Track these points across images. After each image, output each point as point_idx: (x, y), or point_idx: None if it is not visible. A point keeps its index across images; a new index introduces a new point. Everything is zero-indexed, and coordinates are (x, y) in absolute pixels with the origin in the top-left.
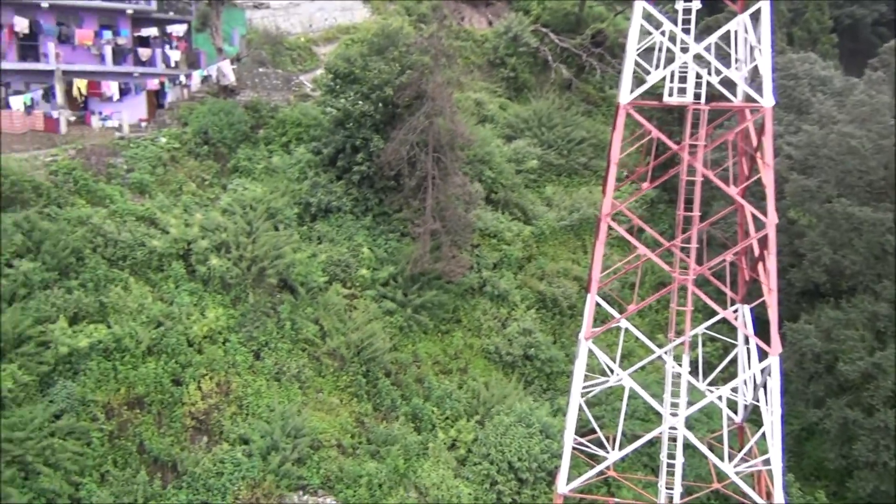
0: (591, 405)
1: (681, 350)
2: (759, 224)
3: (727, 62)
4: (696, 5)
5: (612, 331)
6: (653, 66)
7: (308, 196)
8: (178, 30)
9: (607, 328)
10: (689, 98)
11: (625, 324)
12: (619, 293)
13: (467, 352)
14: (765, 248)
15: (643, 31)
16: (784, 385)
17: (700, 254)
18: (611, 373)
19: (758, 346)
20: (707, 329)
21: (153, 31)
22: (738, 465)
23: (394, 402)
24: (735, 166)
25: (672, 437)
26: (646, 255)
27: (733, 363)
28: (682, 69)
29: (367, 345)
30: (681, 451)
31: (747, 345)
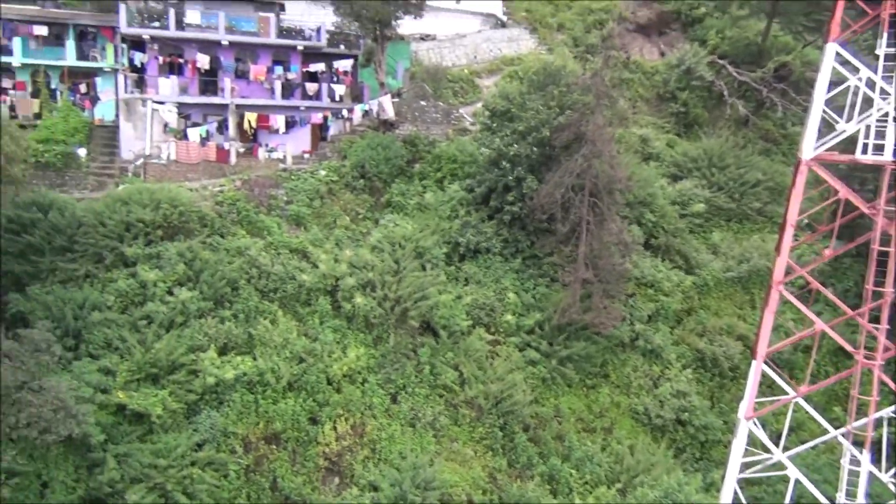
0: (751, 484)
1: (862, 436)
2: None
3: None
4: None
5: (779, 393)
6: (844, 117)
7: (458, 235)
8: (344, 65)
9: (773, 408)
10: (889, 157)
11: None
12: (791, 355)
13: (613, 410)
14: None
15: (835, 74)
16: None
17: (892, 329)
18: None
19: None
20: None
21: (321, 66)
22: None
23: (530, 459)
24: None
25: None
26: (823, 329)
27: None
28: (880, 123)
29: (506, 396)
30: None
31: None
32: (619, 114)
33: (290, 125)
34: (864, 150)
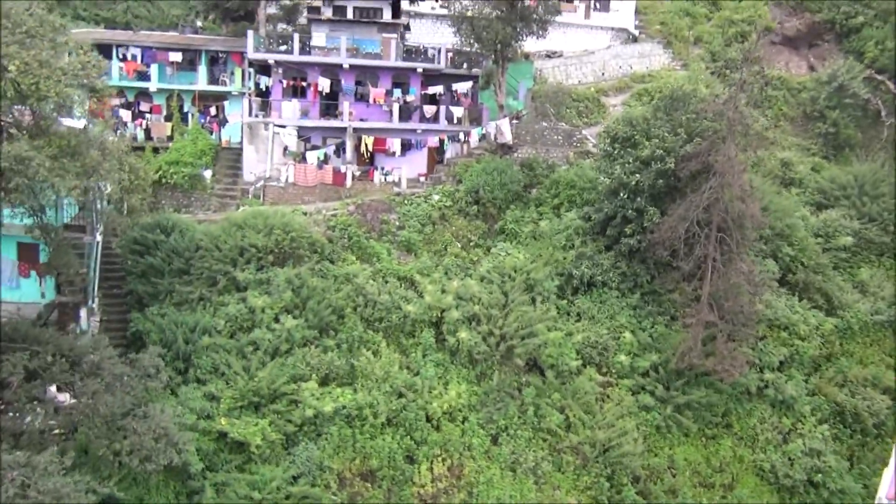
0: None
1: None
2: None
3: None
4: None
5: None
6: None
7: (572, 267)
8: (463, 87)
9: None
10: None
11: None
12: None
13: (735, 465)
14: None
15: None
16: None
17: None
18: None
19: None
20: None
21: (439, 88)
22: None
23: None
24: None
25: None
26: None
27: None
28: None
29: (615, 443)
30: None
31: None
32: (757, 136)
33: (406, 148)
34: None
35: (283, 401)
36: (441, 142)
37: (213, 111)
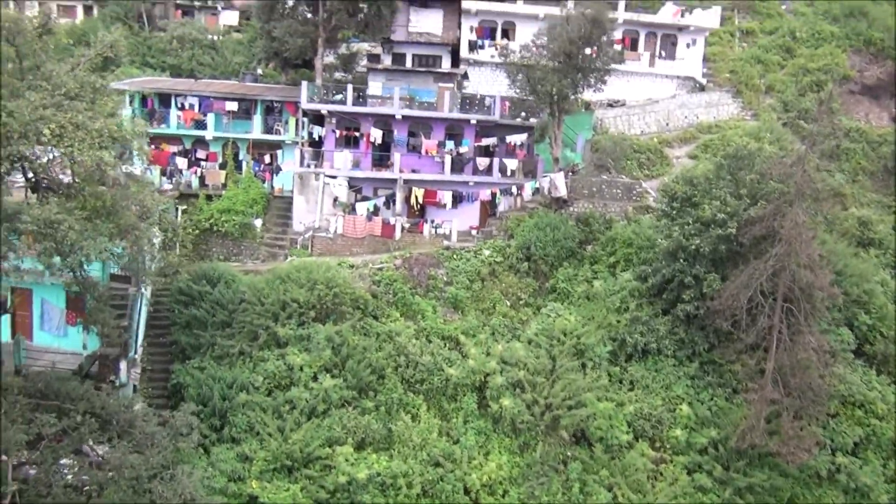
0: None
1: None
2: None
3: None
4: None
5: None
6: None
7: (626, 332)
8: (517, 139)
9: None
10: None
11: None
12: None
13: None
14: None
15: None
16: None
17: None
18: None
19: None
20: None
21: (493, 140)
22: None
23: None
24: None
25: None
26: None
27: None
28: None
29: None
30: None
31: None
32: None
33: (458, 200)
34: None
35: (316, 465)
36: (493, 195)
37: (267, 159)
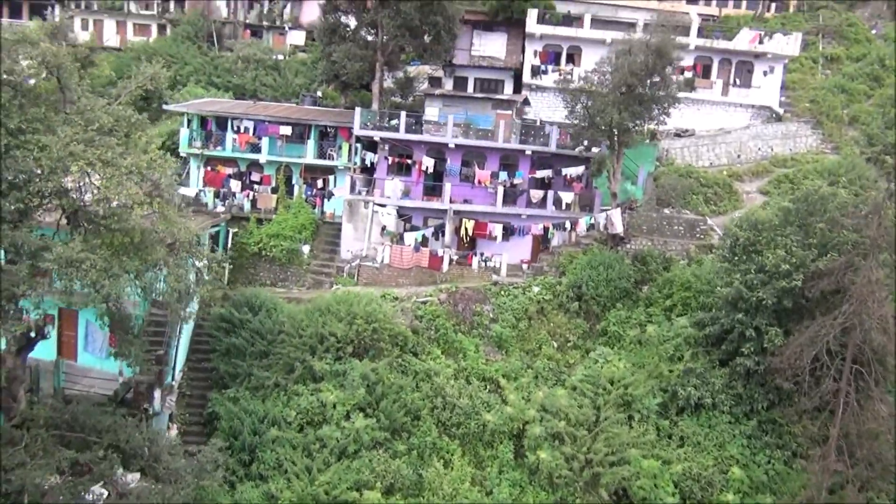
0: None
1: None
2: None
3: None
4: None
5: None
6: None
7: (678, 384)
8: (574, 171)
9: None
10: None
11: None
12: None
13: None
14: None
15: None
16: None
17: None
18: None
19: None
20: None
21: (548, 173)
22: None
23: None
24: None
25: None
26: None
27: None
28: None
29: None
30: None
31: None
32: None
33: (509, 233)
34: None
35: None
36: (545, 229)
37: (319, 184)
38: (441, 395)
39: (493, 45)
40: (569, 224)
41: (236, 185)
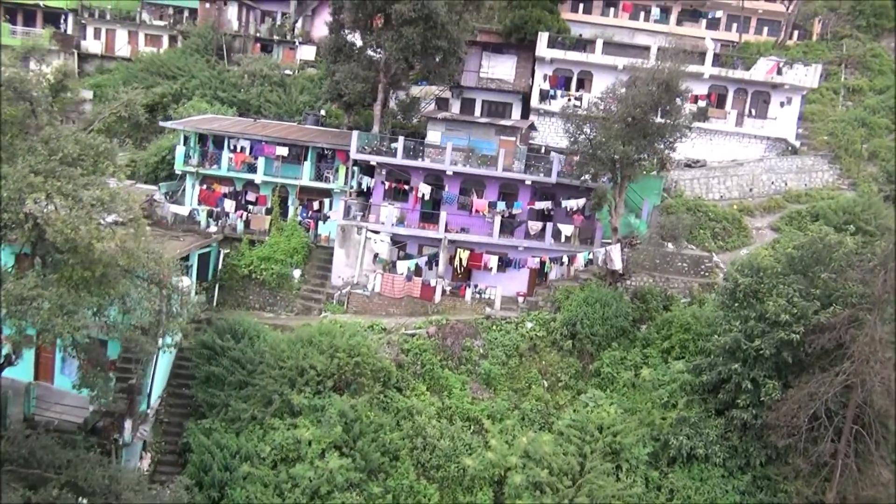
0: None
1: None
2: None
3: None
4: None
5: None
6: None
7: (670, 432)
8: (573, 204)
9: None
10: None
11: None
12: None
13: None
14: None
15: None
16: None
17: None
18: None
19: None
20: None
21: (547, 204)
22: None
23: None
24: None
25: None
26: None
27: None
28: None
29: None
30: None
31: None
32: None
33: (505, 264)
34: None
35: None
36: (542, 263)
37: (315, 206)
38: (422, 435)
39: (502, 68)
40: (566, 258)
41: (230, 204)
